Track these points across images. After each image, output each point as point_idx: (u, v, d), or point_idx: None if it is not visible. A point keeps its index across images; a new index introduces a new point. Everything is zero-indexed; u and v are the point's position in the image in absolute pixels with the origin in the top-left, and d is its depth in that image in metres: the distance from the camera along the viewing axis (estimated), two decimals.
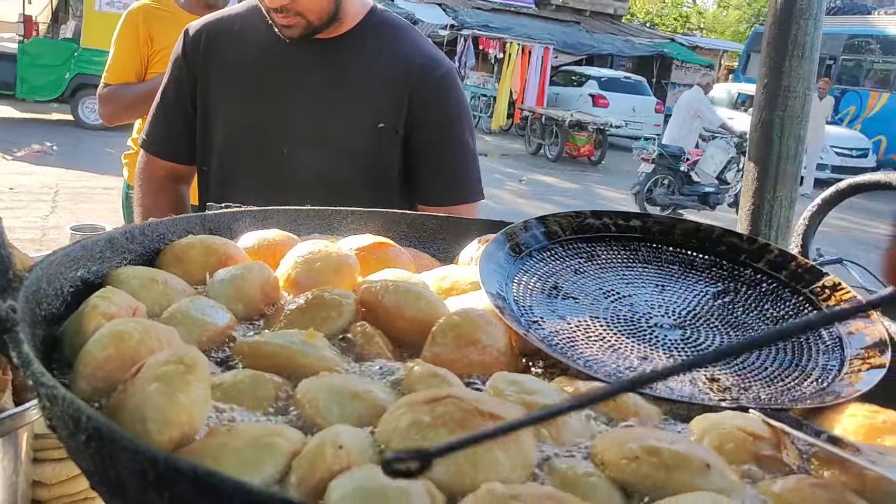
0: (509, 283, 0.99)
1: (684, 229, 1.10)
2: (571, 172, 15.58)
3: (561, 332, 0.91)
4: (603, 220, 1.11)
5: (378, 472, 0.56)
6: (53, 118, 14.01)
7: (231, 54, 1.89)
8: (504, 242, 1.05)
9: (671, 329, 0.95)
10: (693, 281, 1.06)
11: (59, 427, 0.57)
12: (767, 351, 0.93)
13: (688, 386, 0.84)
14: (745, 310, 1.01)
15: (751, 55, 22.37)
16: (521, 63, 21.21)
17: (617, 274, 1.06)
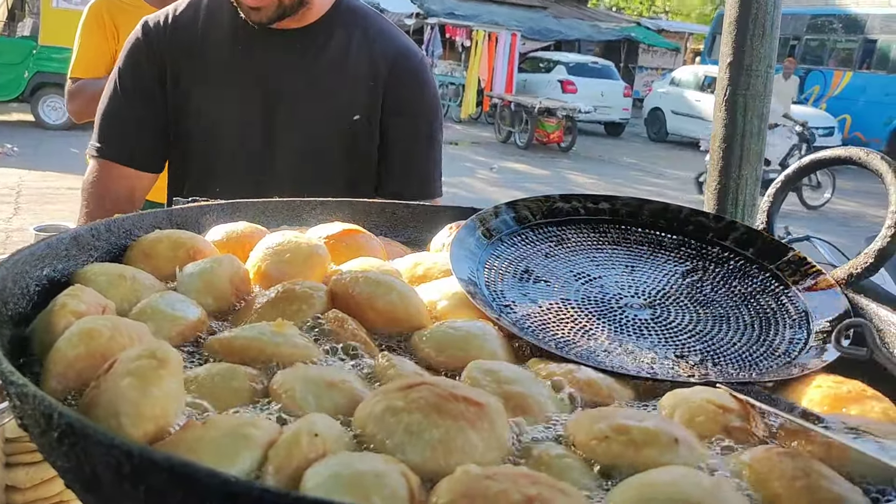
0: (480, 269, 1.00)
1: (652, 210, 1.12)
2: (542, 159, 15.63)
3: (533, 316, 0.92)
4: (572, 203, 1.12)
5: (354, 458, 0.56)
6: (13, 119, 13.75)
7: (198, 48, 1.82)
8: (475, 228, 1.06)
9: (641, 309, 0.96)
10: (662, 261, 1.07)
11: (30, 425, 0.56)
12: (735, 327, 0.94)
13: (656, 363, 0.85)
14: (713, 287, 1.02)
15: (716, 37, 22.54)
16: (488, 50, 21.20)
17: (587, 256, 1.07)
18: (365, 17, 1.90)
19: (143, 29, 1.87)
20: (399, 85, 1.84)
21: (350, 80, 1.82)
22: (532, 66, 22.89)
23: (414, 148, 1.90)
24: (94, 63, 3.02)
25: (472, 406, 0.62)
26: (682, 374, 0.84)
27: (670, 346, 0.89)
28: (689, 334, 0.92)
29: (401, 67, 1.85)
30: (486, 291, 0.96)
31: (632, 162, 16.79)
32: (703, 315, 0.97)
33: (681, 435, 0.63)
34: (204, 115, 1.83)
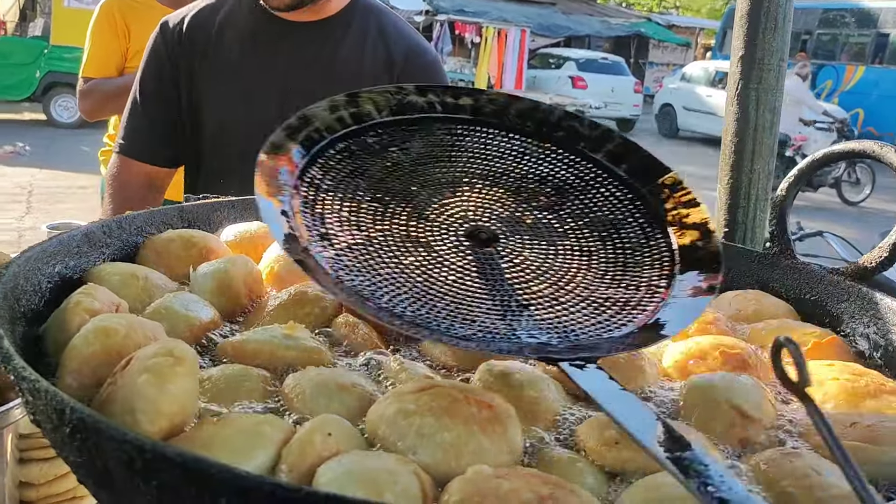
0: (297, 182, 0.80)
1: (520, 109, 0.95)
2: None
3: (355, 249, 0.75)
4: (428, 97, 0.93)
5: (366, 456, 0.56)
6: (25, 118, 13.82)
7: (213, 46, 1.84)
8: (300, 129, 0.85)
9: (490, 239, 0.82)
10: (524, 176, 0.92)
11: (43, 421, 0.56)
12: (593, 266, 0.81)
13: (494, 318, 0.71)
14: (577, 211, 0.89)
15: (727, 32, 22.42)
16: (497, 47, 21.17)
17: (437, 167, 0.89)
18: (380, 13, 1.91)
19: (162, 29, 1.91)
20: (411, 81, 1.83)
21: (364, 75, 1.81)
22: (542, 62, 22.84)
23: None
24: (105, 62, 3.03)
25: (483, 409, 0.62)
26: (519, 341, 0.70)
27: (516, 292, 0.75)
28: (540, 274, 0.79)
29: (413, 63, 1.86)
30: (299, 212, 0.76)
31: None
32: (563, 248, 0.83)
33: (692, 439, 0.63)
34: (218, 111, 1.85)
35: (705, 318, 0.92)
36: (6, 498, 1.08)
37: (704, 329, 0.91)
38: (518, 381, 0.73)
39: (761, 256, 1.17)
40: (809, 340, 0.91)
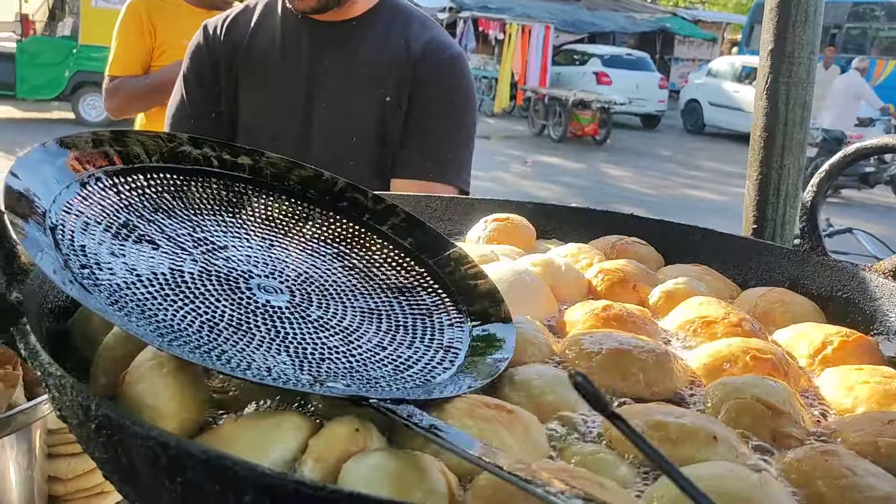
0: (56, 209, 0.72)
1: (302, 176, 0.94)
2: (576, 152, 15.52)
3: (127, 287, 0.69)
4: (203, 150, 0.89)
5: (394, 453, 0.56)
6: (54, 117, 14.01)
7: (250, 44, 1.95)
8: (58, 154, 0.76)
9: (276, 293, 0.79)
10: (309, 238, 0.91)
11: (69, 416, 0.57)
12: (387, 325, 0.81)
13: (290, 365, 0.68)
14: (366, 276, 0.89)
15: (754, 26, 22.16)
16: (521, 43, 21.11)
17: (214, 219, 0.86)
18: (405, 12, 1.95)
19: (203, 32, 2.02)
20: (429, 73, 1.86)
21: (384, 69, 1.86)
22: (566, 58, 22.73)
23: (441, 130, 1.89)
24: (131, 61, 3.07)
25: (503, 412, 0.62)
26: (325, 384, 0.67)
27: (310, 345, 0.72)
28: (334, 331, 0.77)
29: (431, 61, 1.87)
30: (59, 241, 0.69)
31: (668, 154, 16.59)
32: (352, 308, 0.82)
33: (720, 432, 0.62)
34: (249, 110, 1.95)
35: (731, 319, 0.91)
36: (35, 492, 1.09)
37: (732, 331, 0.89)
38: (538, 388, 0.72)
39: (791, 253, 1.15)
40: (836, 340, 0.89)
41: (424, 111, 1.87)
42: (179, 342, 0.64)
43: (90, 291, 0.65)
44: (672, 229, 1.26)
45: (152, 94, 3.07)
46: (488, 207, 1.29)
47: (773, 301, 1.03)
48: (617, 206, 10.30)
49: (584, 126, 16.73)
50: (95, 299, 0.64)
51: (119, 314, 0.65)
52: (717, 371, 0.80)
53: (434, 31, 1.95)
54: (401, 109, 1.87)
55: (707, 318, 0.92)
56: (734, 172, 13.42)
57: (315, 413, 0.65)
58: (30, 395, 1.04)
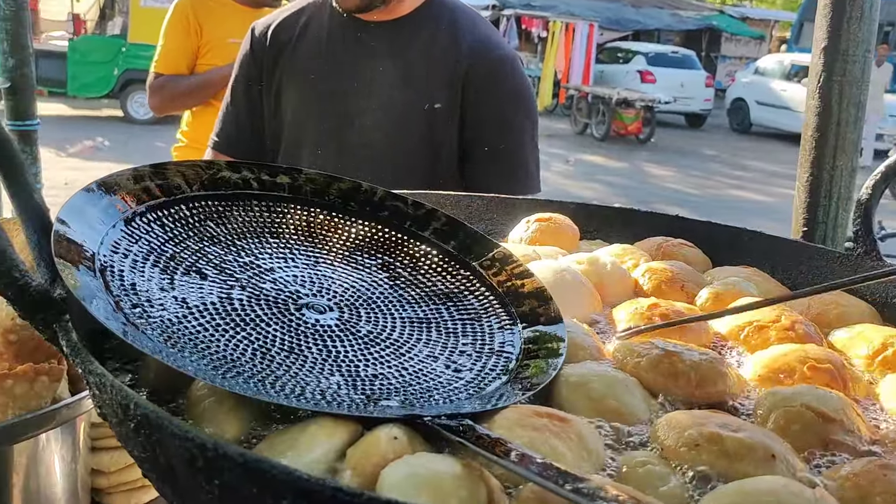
0: (106, 252, 0.73)
1: (342, 189, 0.94)
2: (619, 151, 15.37)
3: (180, 322, 0.69)
4: (242, 173, 0.89)
5: (433, 458, 0.55)
6: (104, 114, 14.32)
7: (296, 44, 1.94)
8: (101, 196, 0.77)
9: (325, 311, 0.79)
10: (352, 252, 0.91)
11: (109, 415, 0.57)
12: (436, 334, 0.80)
13: (343, 388, 0.67)
14: (412, 285, 0.88)
15: (804, 24, 21.74)
16: (565, 41, 20.96)
17: (259, 242, 0.86)
18: (454, 11, 1.91)
19: (251, 34, 2.04)
20: (480, 75, 1.82)
21: (432, 70, 1.83)
22: (610, 56, 22.52)
23: (497, 139, 1.85)
24: (176, 60, 3.11)
25: (556, 421, 0.61)
26: (379, 402, 0.66)
27: (361, 362, 0.72)
28: (384, 345, 0.76)
29: (482, 58, 1.84)
30: (109, 282, 0.70)
31: (713, 154, 16.34)
32: (401, 320, 0.81)
33: (778, 450, 0.59)
34: (294, 110, 1.94)
35: (783, 323, 0.88)
36: (79, 485, 1.11)
37: (785, 335, 0.86)
38: (598, 392, 0.70)
39: (844, 257, 1.11)
40: (894, 343, 0.86)
41: (484, 121, 1.83)
42: (234, 373, 0.64)
43: (143, 331, 0.65)
44: (719, 231, 1.23)
45: (195, 94, 3.13)
46: (529, 207, 1.28)
47: (827, 302, 1.00)
48: (660, 207, 10.17)
49: (627, 125, 16.56)
50: (149, 339, 0.64)
51: (173, 351, 0.64)
52: (771, 382, 0.78)
53: (481, 33, 1.90)
54: (451, 114, 1.83)
55: (759, 322, 0.89)
56: (781, 173, 13.16)
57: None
58: (74, 389, 1.05)
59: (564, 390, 0.71)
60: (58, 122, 12.78)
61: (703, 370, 0.74)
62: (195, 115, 3.23)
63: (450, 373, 0.73)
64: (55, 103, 14.21)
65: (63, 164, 9.98)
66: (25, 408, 0.94)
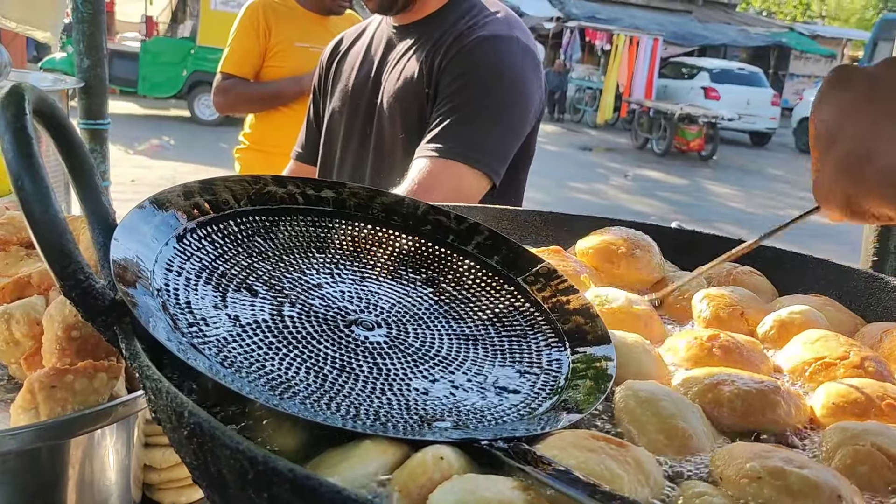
0: (160, 270, 0.74)
1: (384, 203, 0.94)
2: (680, 167, 15.14)
3: (234, 340, 0.69)
4: (288, 188, 0.90)
5: (480, 481, 0.54)
6: (171, 114, 14.71)
7: (345, 54, 2.09)
8: (153, 213, 0.78)
9: (373, 328, 0.78)
10: (397, 266, 0.90)
11: (163, 420, 0.57)
12: (484, 352, 0.79)
13: (396, 407, 0.66)
14: (458, 300, 0.87)
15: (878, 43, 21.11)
16: (628, 55, 20.78)
17: (306, 257, 0.86)
18: (474, 6, 1.91)
19: (327, 48, 2.19)
20: (452, 59, 1.81)
21: (427, 59, 1.85)
22: (673, 71, 22.23)
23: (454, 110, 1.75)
24: (243, 61, 3.18)
25: (613, 445, 0.59)
26: (433, 424, 0.65)
27: (412, 380, 0.71)
28: (433, 362, 0.75)
29: (459, 42, 1.81)
30: (168, 300, 0.70)
31: (777, 174, 15.96)
32: (448, 336, 0.80)
33: (844, 491, 0.57)
34: (332, 108, 2.08)
35: (853, 360, 0.84)
36: (131, 479, 1.13)
37: (854, 374, 0.82)
38: (668, 411, 0.69)
39: None
40: None
41: (446, 92, 1.78)
42: (289, 393, 0.64)
43: (201, 351, 0.65)
44: (785, 257, 1.19)
45: (263, 102, 3.20)
46: (584, 224, 1.26)
47: None
48: (720, 225, 9.98)
49: (689, 141, 16.31)
50: (206, 359, 0.64)
51: (230, 371, 0.64)
52: (843, 414, 0.75)
53: (477, 19, 1.86)
54: (430, 101, 1.83)
55: (825, 360, 0.85)
56: None
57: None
58: (131, 386, 1.07)
59: (633, 403, 0.69)
60: (127, 121, 13.17)
61: (749, 399, 0.72)
62: (258, 119, 3.29)
63: (499, 392, 0.72)
64: (126, 102, 14.65)
65: (130, 161, 10.28)
66: (84, 403, 0.96)
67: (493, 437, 0.62)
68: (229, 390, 0.61)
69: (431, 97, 1.82)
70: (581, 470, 0.56)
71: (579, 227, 1.26)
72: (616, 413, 0.70)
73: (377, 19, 2.09)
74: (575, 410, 0.69)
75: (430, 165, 1.68)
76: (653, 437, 0.67)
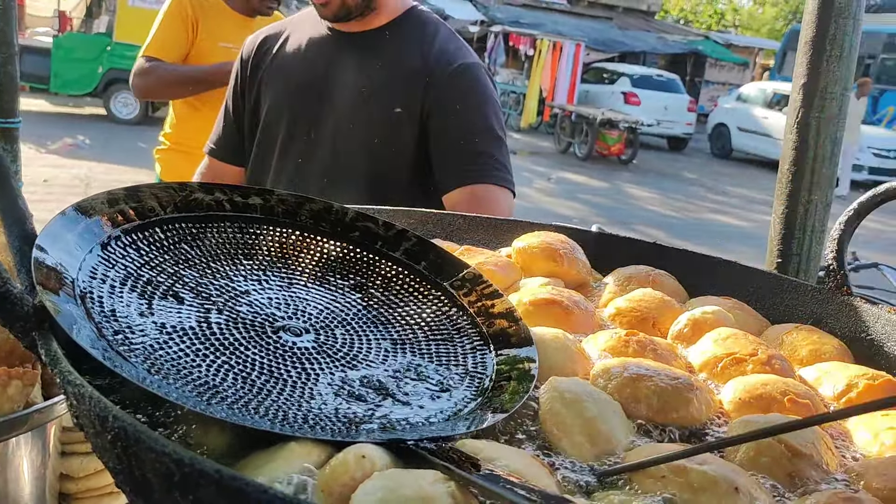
0: (85, 279, 0.73)
1: (313, 210, 0.94)
2: (601, 171, 15.48)
3: (160, 347, 0.69)
4: (215, 195, 0.90)
5: (401, 478, 0.55)
6: (86, 112, 14.21)
7: (278, 50, 2.04)
8: (77, 220, 0.77)
9: (301, 334, 0.79)
10: (325, 273, 0.91)
11: (85, 425, 0.57)
12: (412, 355, 0.80)
13: (325, 409, 0.67)
14: (385, 305, 0.88)
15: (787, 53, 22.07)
16: (551, 60, 21.12)
17: (233, 264, 0.86)
18: (426, 23, 1.96)
19: (244, 46, 2.14)
20: (442, 81, 1.86)
21: (396, 79, 1.88)
22: (595, 76, 22.71)
23: (456, 136, 1.86)
24: (169, 45, 3.08)
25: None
26: (361, 426, 0.66)
27: (341, 384, 0.72)
28: (362, 366, 0.76)
29: (445, 65, 1.87)
30: (90, 309, 0.69)
31: (693, 178, 16.50)
32: (376, 341, 0.81)
33: (741, 483, 0.60)
34: (268, 105, 2.02)
35: (761, 357, 0.89)
36: (47, 489, 1.10)
37: (762, 370, 0.87)
38: (590, 411, 0.71)
39: (815, 291, 1.13)
40: (861, 383, 0.87)
41: (449, 128, 1.86)
42: (217, 399, 0.64)
43: (127, 358, 0.65)
44: (695, 259, 1.24)
45: (183, 86, 3.07)
46: (512, 227, 1.29)
47: (800, 339, 1.01)
48: (640, 228, 10.25)
49: (610, 145, 16.69)
50: (133, 366, 0.64)
51: (157, 378, 0.64)
52: (749, 408, 0.79)
53: (450, 44, 1.94)
54: (414, 122, 1.86)
55: (736, 356, 0.90)
56: (760, 199, 13.33)
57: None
58: (47, 394, 1.04)
59: (559, 405, 0.72)
60: (39, 119, 12.66)
61: (666, 396, 0.76)
62: (179, 119, 3.22)
63: (426, 395, 0.74)
64: (37, 99, 14.07)
65: (43, 161, 9.89)
66: None
67: (419, 437, 0.63)
68: (156, 396, 0.61)
69: (412, 118, 1.85)
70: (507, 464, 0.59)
71: (502, 230, 1.29)
72: (541, 415, 0.72)
73: (301, 21, 2.06)
74: (500, 410, 0.71)
75: (486, 193, 1.80)
76: (576, 441, 0.69)
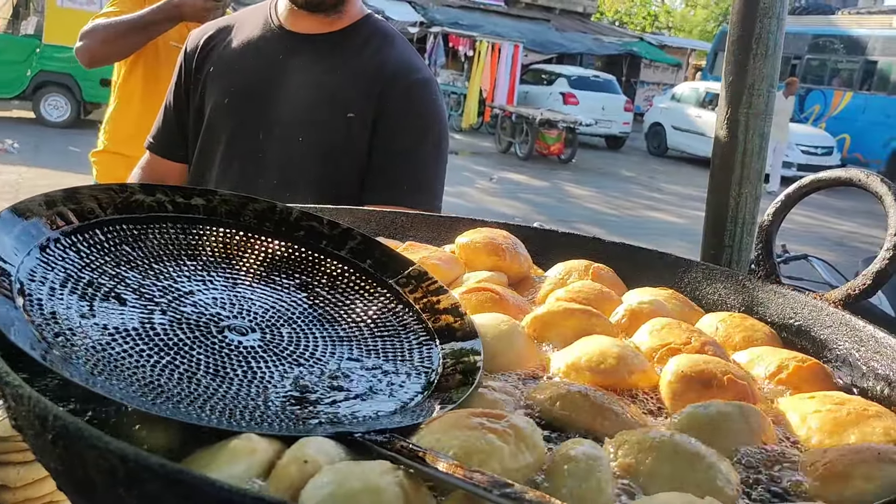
0: (25, 282, 0.72)
1: (257, 210, 0.95)
2: (542, 170, 15.65)
3: (103, 349, 0.68)
4: (157, 196, 0.89)
5: (350, 471, 0.56)
6: (14, 115, 13.75)
7: (226, 45, 1.98)
8: (14, 223, 0.76)
9: (247, 333, 0.79)
10: (270, 272, 0.91)
11: (25, 427, 0.56)
12: (357, 353, 0.82)
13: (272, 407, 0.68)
14: (331, 303, 0.89)
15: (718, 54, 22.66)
16: (491, 61, 21.26)
17: (176, 265, 0.86)
18: (383, 34, 1.96)
19: (188, 40, 2.08)
20: (396, 94, 1.87)
21: (350, 84, 1.87)
22: (534, 77, 22.96)
23: (414, 157, 1.89)
24: (115, 14, 2.97)
25: (492, 418, 0.63)
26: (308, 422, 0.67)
27: (287, 381, 0.73)
28: (308, 364, 0.77)
29: (400, 78, 1.88)
30: (29, 311, 0.68)
31: (631, 175, 16.82)
32: (322, 339, 0.82)
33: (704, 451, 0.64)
34: (213, 102, 1.96)
35: (694, 345, 0.92)
36: None
37: (700, 351, 0.91)
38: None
39: (746, 279, 1.17)
40: (791, 365, 0.91)
41: (396, 136, 1.87)
42: (163, 398, 0.64)
43: (69, 360, 0.64)
44: (632, 252, 1.28)
45: (132, 35, 2.91)
46: (454, 224, 1.30)
47: (733, 325, 1.04)
48: (579, 225, 10.40)
49: (549, 145, 16.89)
50: (76, 368, 0.64)
51: (100, 379, 0.64)
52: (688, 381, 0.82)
53: (407, 53, 1.96)
54: (366, 127, 1.86)
55: (671, 346, 0.92)
56: (694, 195, 13.65)
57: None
58: None
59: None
60: None
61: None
62: (114, 120, 3.16)
63: (374, 390, 0.75)
64: None
65: None
66: None
67: (366, 430, 0.64)
68: (98, 397, 0.60)
69: (366, 123, 1.84)
70: (463, 448, 0.60)
71: (445, 228, 1.30)
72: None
73: (249, 17, 2.01)
74: (448, 402, 0.72)
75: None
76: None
